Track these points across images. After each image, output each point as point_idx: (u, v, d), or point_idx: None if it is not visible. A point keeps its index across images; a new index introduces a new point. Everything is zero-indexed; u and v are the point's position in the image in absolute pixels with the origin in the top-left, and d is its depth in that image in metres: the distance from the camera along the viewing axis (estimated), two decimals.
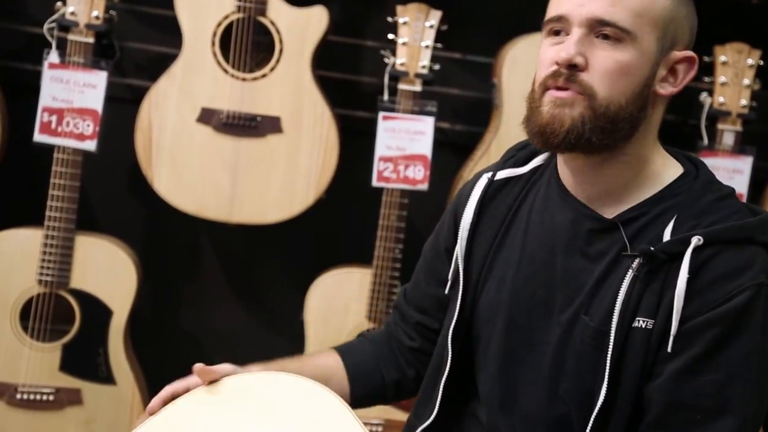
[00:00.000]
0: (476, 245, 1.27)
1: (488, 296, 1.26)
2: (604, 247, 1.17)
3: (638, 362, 1.14)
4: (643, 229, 1.16)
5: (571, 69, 1.13)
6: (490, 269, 1.26)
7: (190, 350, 2.56)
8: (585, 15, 1.13)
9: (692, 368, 1.11)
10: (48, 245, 2.18)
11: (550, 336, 1.19)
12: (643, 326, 1.13)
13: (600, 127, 1.13)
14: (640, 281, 1.14)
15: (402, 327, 1.40)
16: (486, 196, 1.28)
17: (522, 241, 1.24)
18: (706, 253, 1.12)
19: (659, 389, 1.13)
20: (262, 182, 2.29)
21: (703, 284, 1.11)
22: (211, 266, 2.55)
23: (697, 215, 1.15)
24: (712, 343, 1.11)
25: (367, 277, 2.31)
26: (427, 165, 2.28)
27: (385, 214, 2.28)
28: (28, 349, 2.21)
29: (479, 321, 1.26)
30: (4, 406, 2.20)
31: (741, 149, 2.23)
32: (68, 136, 2.17)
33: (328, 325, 2.34)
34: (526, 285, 1.22)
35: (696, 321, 1.11)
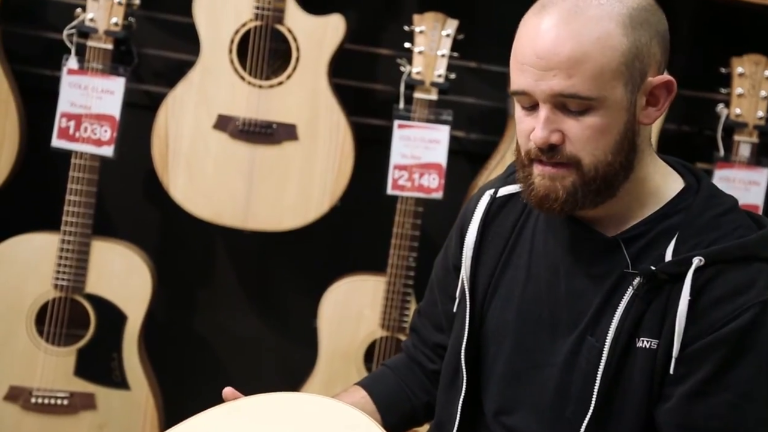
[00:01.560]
0: (481, 264, 1.28)
1: (494, 316, 1.26)
2: (607, 267, 1.17)
3: (642, 383, 1.13)
4: (645, 247, 1.16)
5: (551, 147, 1.13)
6: (495, 288, 1.26)
7: (203, 356, 2.57)
8: (546, 92, 1.11)
9: (701, 391, 1.11)
10: (64, 250, 2.19)
11: (556, 357, 1.19)
12: (646, 346, 1.13)
13: (593, 190, 1.14)
14: (639, 300, 1.13)
15: (421, 350, 1.40)
16: (489, 215, 1.28)
17: (527, 261, 1.24)
18: (707, 273, 1.11)
19: (670, 413, 1.12)
20: (278, 189, 2.29)
21: (705, 305, 1.11)
22: (225, 272, 2.56)
23: (698, 233, 1.14)
24: (719, 364, 1.10)
25: (381, 285, 2.31)
26: (441, 173, 2.28)
27: (400, 222, 2.29)
28: (43, 353, 2.22)
29: (486, 340, 1.27)
30: (19, 410, 2.21)
31: (757, 161, 2.23)
32: (86, 142, 2.18)
33: (341, 333, 2.34)
34: (533, 306, 1.22)
35: (701, 342, 1.11)
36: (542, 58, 1.10)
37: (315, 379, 2.34)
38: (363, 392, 1.37)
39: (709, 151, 2.28)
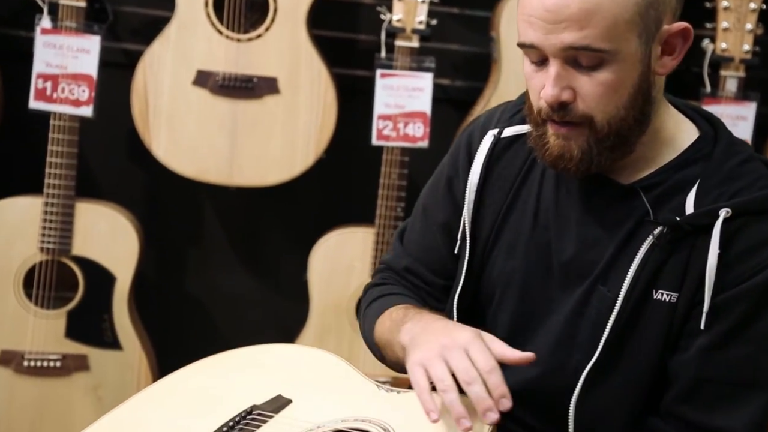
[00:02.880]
0: (484, 207, 1.23)
1: (497, 263, 1.22)
2: (623, 215, 1.14)
3: (657, 335, 1.11)
4: (662, 196, 1.13)
5: (562, 105, 1.09)
6: (498, 234, 1.22)
7: (195, 314, 2.57)
8: (556, 45, 1.06)
9: (721, 343, 1.09)
10: (48, 213, 2.18)
11: (564, 307, 1.16)
12: (666, 300, 1.10)
13: (608, 147, 1.10)
14: (659, 251, 1.10)
15: (427, 290, 1.31)
16: (492, 156, 1.23)
17: (534, 207, 1.20)
18: (733, 225, 1.09)
19: (687, 364, 1.10)
20: (261, 144, 2.27)
21: (732, 258, 1.09)
22: (213, 230, 2.55)
23: (721, 183, 1.11)
24: (742, 317, 1.09)
25: (370, 237, 2.30)
26: (426, 122, 2.26)
27: (386, 173, 2.27)
28: (33, 316, 2.21)
29: (487, 288, 1.23)
30: (12, 374, 2.21)
31: (744, 95, 2.20)
32: (64, 103, 2.16)
33: (332, 286, 2.34)
34: (540, 254, 1.19)
35: (726, 295, 1.09)
36: (551, 11, 1.05)
37: (307, 332, 2.34)
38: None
39: (695, 87, 2.25)
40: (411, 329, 1.14)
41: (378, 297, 1.28)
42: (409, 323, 1.16)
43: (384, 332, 1.22)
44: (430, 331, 1.11)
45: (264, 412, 1.14)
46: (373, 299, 1.29)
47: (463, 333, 1.09)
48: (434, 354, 1.07)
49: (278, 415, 1.13)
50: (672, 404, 1.11)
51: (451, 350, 1.06)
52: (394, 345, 1.18)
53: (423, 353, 1.09)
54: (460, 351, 1.06)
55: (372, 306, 1.28)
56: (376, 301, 1.28)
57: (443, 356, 1.06)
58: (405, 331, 1.15)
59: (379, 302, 1.27)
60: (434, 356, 1.07)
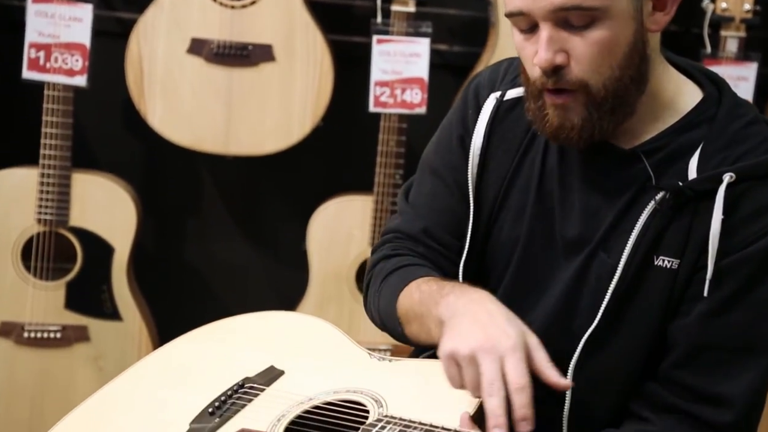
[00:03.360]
0: (488, 172, 1.21)
1: (505, 228, 1.20)
2: (625, 180, 1.12)
3: (657, 302, 1.10)
4: (664, 161, 1.11)
5: (556, 69, 1.06)
6: (506, 198, 1.20)
7: (195, 284, 2.57)
8: (546, 8, 1.04)
9: (722, 309, 1.08)
10: (45, 184, 2.17)
11: (565, 273, 1.14)
12: (667, 266, 1.09)
13: (608, 110, 1.08)
14: (661, 216, 1.09)
15: (446, 255, 1.24)
16: (495, 119, 1.20)
17: (540, 172, 1.17)
18: (737, 190, 1.07)
19: (685, 330, 1.09)
20: (257, 112, 2.25)
21: (735, 223, 1.07)
22: (211, 200, 2.54)
23: (725, 147, 1.09)
24: (743, 283, 1.07)
25: (369, 204, 2.29)
26: (424, 88, 2.23)
27: (384, 140, 2.25)
28: (32, 288, 2.21)
29: (493, 253, 1.21)
30: (12, 345, 2.22)
31: (745, 56, 2.16)
32: (57, 72, 2.14)
33: (332, 254, 2.33)
34: (543, 220, 1.17)
35: (728, 261, 1.07)
36: None
37: (307, 301, 2.34)
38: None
39: (695, 48, 2.22)
40: (453, 304, 1.07)
41: (396, 268, 1.21)
42: (451, 296, 1.08)
43: (413, 305, 1.14)
44: (473, 314, 1.04)
45: (256, 385, 1.14)
46: (391, 271, 1.22)
47: (507, 334, 1.00)
48: (467, 351, 1.00)
49: (270, 388, 1.13)
50: (671, 369, 1.10)
51: (486, 355, 0.99)
52: (427, 319, 1.11)
53: (456, 343, 1.01)
54: (494, 359, 0.98)
55: (390, 279, 1.21)
56: (395, 273, 1.21)
57: (476, 357, 0.99)
58: (445, 305, 1.07)
59: (398, 274, 1.20)
60: (466, 354, 1.00)
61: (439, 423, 0.99)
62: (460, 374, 1.01)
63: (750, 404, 1.08)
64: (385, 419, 1.02)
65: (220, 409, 1.10)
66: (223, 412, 1.09)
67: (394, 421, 1.01)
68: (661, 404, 1.10)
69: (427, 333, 1.11)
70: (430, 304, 1.10)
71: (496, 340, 1.00)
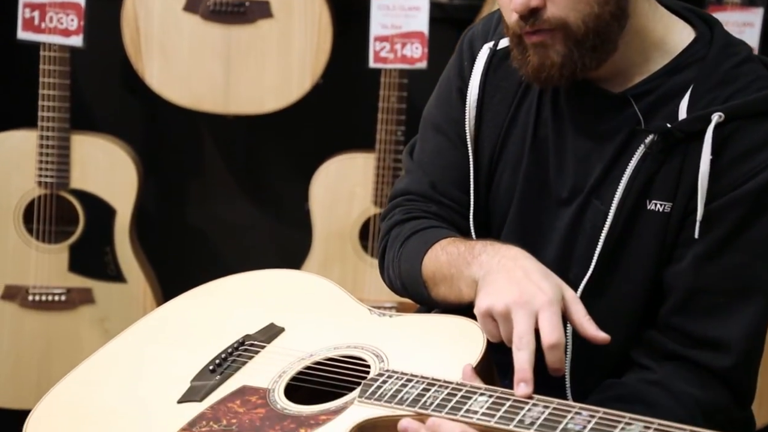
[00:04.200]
0: (486, 122, 1.20)
1: (504, 178, 1.19)
2: (615, 125, 1.10)
3: (651, 247, 1.09)
4: (655, 104, 1.09)
5: (533, 12, 1.04)
6: (503, 148, 1.19)
7: (198, 245, 2.57)
8: None
9: (716, 252, 1.07)
10: (44, 146, 2.16)
11: (561, 222, 1.14)
12: (660, 210, 1.08)
13: (589, 47, 1.06)
14: (651, 160, 1.08)
15: (460, 212, 1.23)
16: (490, 70, 1.19)
17: (534, 122, 1.16)
18: (726, 129, 1.05)
19: (681, 275, 1.08)
20: (256, 70, 2.23)
21: (725, 164, 1.06)
22: (213, 160, 2.53)
23: (715, 87, 1.08)
24: (736, 224, 1.06)
25: (371, 162, 2.27)
26: (424, 42, 2.21)
27: (385, 96, 2.23)
28: (35, 251, 2.21)
29: (495, 204, 1.20)
30: (18, 308, 2.22)
31: (751, 1, 2.12)
32: (53, 32, 2.12)
33: (334, 213, 2.32)
34: (539, 169, 1.16)
35: (719, 202, 1.06)
36: None
37: (311, 261, 2.34)
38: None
39: None
40: (487, 263, 1.06)
41: (414, 232, 1.20)
42: (484, 256, 1.07)
43: (440, 267, 1.12)
44: (507, 271, 1.03)
45: (256, 342, 1.13)
46: (409, 235, 1.20)
47: (542, 289, 0.99)
48: (502, 307, 0.99)
49: (270, 345, 1.13)
50: (668, 316, 1.10)
51: (519, 309, 0.98)
52: (457, 280, 1.09)
53: (492, 300, 1.00)
54: (527, 314, 0.98)
55: (410, 243, 1.19)
56: (414, 236, 1.19)
57: (509, 311, 0.98)
58: (478, 264, 1.06)
59: (418, 237, 1.18)
60: (501, 310, 0.99)
61: (440, 376, 0.99)
62: (497, 329, 1.01)
63: (748, 347, 1.08)
64: (386, 374, 1.02)
65: (220, 367, 1.10)
66: (224, 370, 1.09)
67: (395, 375, 1.01)
68: (661, 351, 1.10)
69: (457, 294, 1.10)
70: (461, 265, 1.09)
71: (531, 295, 0.99)
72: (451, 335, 1.06)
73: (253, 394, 1.05)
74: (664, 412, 1.02)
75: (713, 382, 1.08)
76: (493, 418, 0.93)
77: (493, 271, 1.04)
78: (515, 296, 0.99)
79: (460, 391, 0.96)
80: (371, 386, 1.00)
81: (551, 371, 0.97)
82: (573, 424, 0.89)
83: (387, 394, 0.98)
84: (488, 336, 1.02)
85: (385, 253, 1.25)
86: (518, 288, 1.00)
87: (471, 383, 0.98)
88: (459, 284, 1.10)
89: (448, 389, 0.97)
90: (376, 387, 1.00)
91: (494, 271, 1.04)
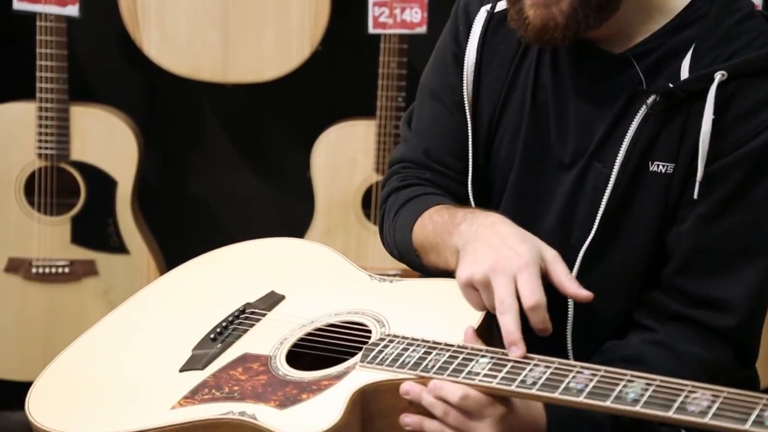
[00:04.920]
0: (484, 87, 1.18)
1: (504, 143, 1.17)
2: (617, 86, 1.09)
3: (654, 209, 1.08)
4: (657, 64, 1.08)
5: None
6: (502, 113, 1.17)
7: (200, 215, 2.57)
8: None
9: (718, 212, 1.06)
10: (43, 118, 2.15)
11: (563, 186, 1.12)
12: (662, 171, 1.07)
13: (594, 6, 1.03)
14: (653, 121, 1.06)
15: (458, 180, 1.22)
16: (487, 33, 1.17)
17: (534, 83, 1.15)
18: (729, 88, 1.03)
19: (683, 236, 1.07)
20: (255, 38, 2.22)
21: (727, 123, 1.04)
22: (213, 130, 2.52)
23: (717, 44, 1.06)
24: (738, 184, 1.05)
25: (372, 129, 2.26)
26: (423, 6, 2.18)
27: (385, 62, 2.21)
28: (37, 223, 2.22)
29: (495, 170, 1.19)
30: (22, 281, 2.23)
31: None
32: (49, 2, 2.11)
33: (336, 181, 2.32)
34: (540, 133, 1.14)
35: (721, 162, 1.04)
36: None
37: (314, 229, 2.34)
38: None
39: None
40: (466, 232, 1.06)
41: (408, 200, 1.20)
42: (463, 225, 1.07)
43: (427, 236, 1.13)
44: (485, 239, 1.02)
45: (257, 310, 1.13)
46: (403, 203, 1.20)
47: (519, 253, 0.99)
48: (481, 275, 0.99)
49: (271, 313, 1.12)
50: (671, 277, 1.09)
51: (497, 275, 0.98)
52: (443, 249, 1.10)
53: (471, 269, 1.00)
54: (506, 278, 0.97)
55: (403, 211, 1.20)
56: (407, 204, 1.19)
57: (488, 278, 0.98)
58: (458, 234, 1.07)
59: (410, 205, 1.19)
60: (481, 278, 0.99)
61: (441, 340, 0.99)
62: (480, 298, 1.01)
63: (751, 307, 1.07)
64: (387, 338, 1.02)
65: (221, 335, 1.10)
66: (225, 338, 1.09)
67: (396, 339, 1.01)
68: (664, 312, 1.09)
69: (444, 262, 1.11)
70: (444, 235, 1.10)
71: (508, 259, 0.98)
72: (451, 298, 1.05)
73: (255, 362, 1.05)
74: (666, 372, 1.01)
75: (716, 341, 1.08)
76: (494, 379, 0.93)
77: (471, 240, 1.04)
78: (492, 262, 0.99)
79: (461, 353, 0.96)
80: (372, 351, 1.00)
81: (537, 332, 0.97)
82: (575, 383, 0.89)
83: (388, 359, 0.98)
84: (473, 306, 1.02)
85: (383, 221, 1.25)
86: (495, 254, 0.99)
87: (472, 345, 0.98)
88: (445, 253, 1.10)
89: (450, 352, 0.97)
90: (378, 351, 1.00)
91: (472, 240, 1.04)
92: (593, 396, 0.88)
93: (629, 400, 0.86)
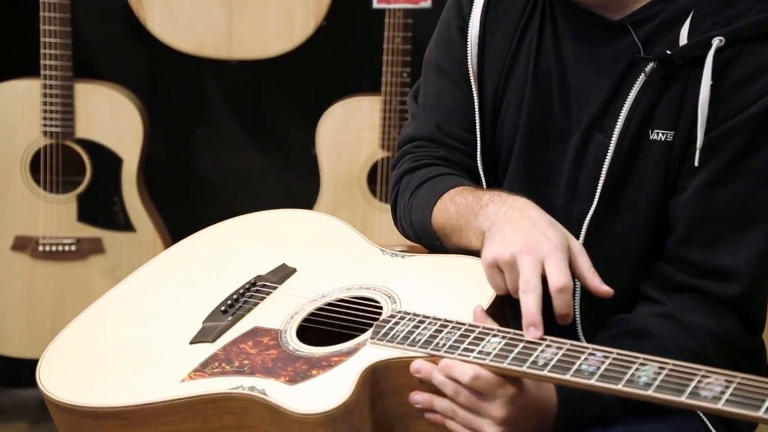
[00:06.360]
0: (488, 58, 1.17)
1: (509, 114, 1.17)
2: (615, 54, 1.08)
3: (656, 177, 1.07)
4: (655, 31, 1.07)
5: None
6: (507, 83, 1.17)
7: (206, 192, 2.57)
8: None
9: (718, 179, 1.05)
10: (47, 95, 2.15)
11: (565, 156, 1.12)
12: (662, 139, 1.06)
13: None
14: (652, 88, 1.05)
15: (468, 154, 1.21)
16: (490, 4, 1.17)
17: (536, 53, 1.14)
18: (727, 54, 1.03)
19: (685, 205, 1.07)
20: (259, 13, 2.20)
21: (726, 89, 1.03)
22: (218, 106, 2.51)
23: (716, 11, 1.05)
24: (738, 151, 1.04)
25: (377, 105, 2.25)
26: None
27: (390, 37, 2.20)
28: (43, 201, 2.21)
29: (501, 142, 1.18)
30: (28, 259, 2.23)
31: None
32: None
33: (342, 157, 2.31)
34: (542, 103, 1.14)
35: (721, 129, 1.04)
36: None
37: (320, 206, 2.34)
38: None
39: None
40: (494, 213, 1.04)
41: (424, 181, 1.18)
42: (491, 206, 1.06)
43: (449, 218, 1.11)
44: (513, 221, 1.01)
45: (268, 283, 1.13)
46: (418, 185, 1.18)
47: (548, 237, 0.98)
48: (508, 256, 0.97)
49: (282, 286, 1.12)
50: (675, 247, 1.08)
51: (525, 256, 0.96)
52: (466, 230, 1.08)
53: (498, 250, 0.99)
54: (533, 260, 0.96)
55: (420, 192, 1.18)
56: (424, 186, 1.18)
57: (515, 259, 0.97)
58: (485, 215, 1.05)
59: (427, 187, 1.17)
60: (507, 259, 0.98)
61: (452, 317, 0.99)
62: (504, 281, 1.00)
63: (756, 273, 1.06)
64: (398, 315, 1.01)
65: (232, 308, 1.10)
66: (236, 311, 1.09)
67: (407, 316, 1.01)
68: (669, 283, 1.09)
69: (467, 244, 1.09)
70: (469, 216, 1.08)
71: (537, 242, 0.98)
72: (464, 276, 1.05)
73: (265, 336, 1.05)
74: (675, 344, 1.02)
75: (723, 310, 1.07)
76: (506, 359, 0.92)
77: (500, 222, 1.03)
78: (521, 244, 0.98)
79: (473, 332, 0.96)
80: (383, 327, 1.00)
81: (559, 318, 0.96)
82: (586, 365, 0.88)
83: (399, 336, 0.98)
84: (494, 288, 1.01)
85: (397, 202, 1.24)
86: (524, 237, 0.99)
87: (484, 324, 0.98)
88: (468, 235, 1.09)
89: (461, 330, 0.96)
90: (389, 328, 0.99)
91: (500, 221, 1.03)
92: (605, 379, 0.87)
93: (641, 384, 0.85)
